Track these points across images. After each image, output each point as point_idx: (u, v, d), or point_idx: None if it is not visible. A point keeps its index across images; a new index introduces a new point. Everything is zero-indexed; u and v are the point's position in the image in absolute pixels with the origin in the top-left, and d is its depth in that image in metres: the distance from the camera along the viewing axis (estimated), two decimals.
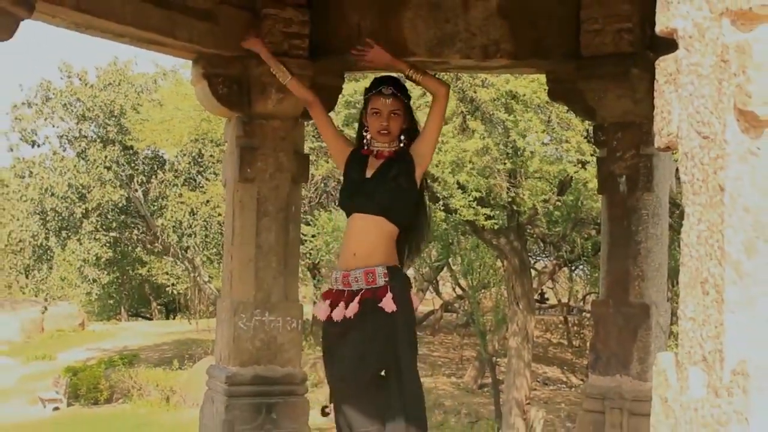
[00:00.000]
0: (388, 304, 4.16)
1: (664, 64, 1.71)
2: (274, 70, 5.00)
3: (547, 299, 33.98)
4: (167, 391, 24.36)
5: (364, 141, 4.56)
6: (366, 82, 4.99)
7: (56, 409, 24.67)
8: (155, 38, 5.08)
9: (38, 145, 27.48)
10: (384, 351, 4.19)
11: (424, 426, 4.25)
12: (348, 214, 4.48)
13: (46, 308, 32.57)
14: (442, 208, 15.57)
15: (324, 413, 4.43)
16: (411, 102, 4.65)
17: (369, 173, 4.44)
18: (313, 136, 15.25)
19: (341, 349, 4.28)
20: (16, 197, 27.79)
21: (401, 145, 4.46)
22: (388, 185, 4.35)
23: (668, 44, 1.72)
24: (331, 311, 4.32)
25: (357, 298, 4.23)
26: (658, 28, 1.72)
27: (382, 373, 4.24)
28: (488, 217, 15.73)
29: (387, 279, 4.22)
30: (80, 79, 27.41)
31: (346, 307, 4.25)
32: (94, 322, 38.64)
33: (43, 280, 27.89)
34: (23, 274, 28.33)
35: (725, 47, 1.55)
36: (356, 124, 4.84)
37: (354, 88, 13.30)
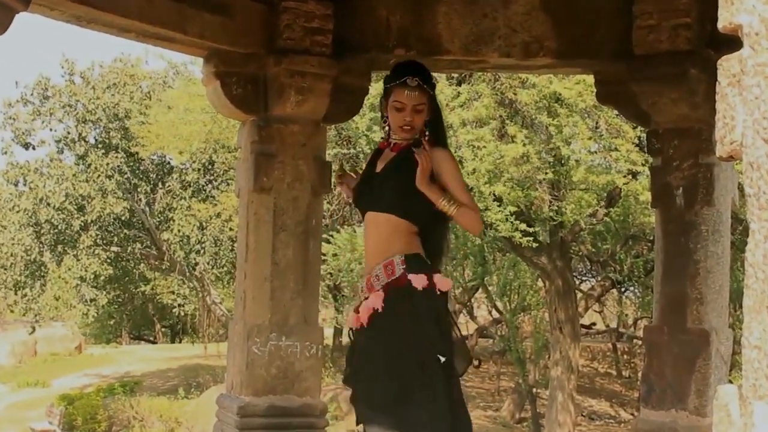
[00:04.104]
0: (415, 280, 4.19)
1: (726, 65, 1.70)
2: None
3: (594, 324, 33.81)
4: (172, 423, 24.40)
5: (383, 134, 4.60)
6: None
7: None
8: (163, 33, 5.12)
9: (33, 147, 27.60)
10: (413, 343, 4.19)
11: None
12: (362, 214, 4.53)
13: (34, 329, 32.62)
14: None
15: None
16: (436, 91, 4.64)
17: (380, 167, 4.49)
18: (335, 142, 15.30)
19: (365, 353, 4.31)
20: (8, 207, 27.88)
21: (426, 134, 4.44)
22: (395, 180, 4.38)
23: (731, 42, 1.71)
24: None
25: (379, 292, 4.26)
26: (721, 24, 1.72)
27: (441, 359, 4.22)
28: (526, 234, 15.68)
29: (404, 266, 4.24)
30: (82, 78, 27.57)
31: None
32: (92, 346, 38.79)
33: (35, 299, 27.92)
34: (12, 291, 28.39)
35: None
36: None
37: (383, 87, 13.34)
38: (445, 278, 4.35)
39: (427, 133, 4.43)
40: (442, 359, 4.15)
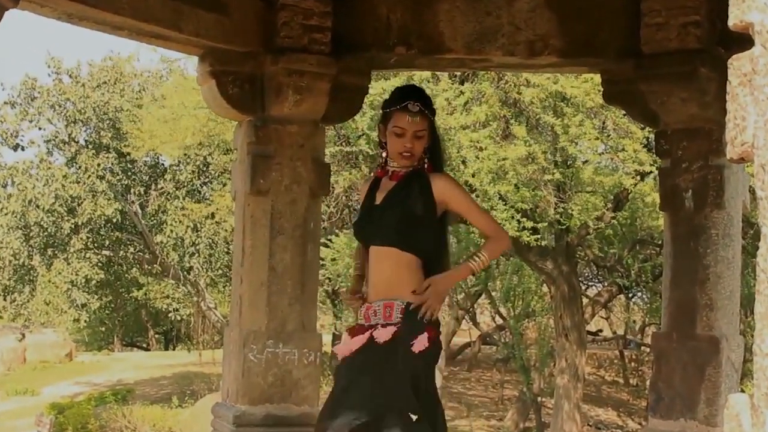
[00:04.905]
0: (382, 334, 4.18)
1: (737, 64, 1.71)
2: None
3: (601, 331, 33.80)
4: None
5: (380, 160, 4.55)
6: (397, 81, 4.96)
7: None
8: (157, 31, 5.13)
9: (22, 149, 27.57)
10: (379, 393, 4.13)
11: None
12: (365, 248, 4.49)
13: (23, 335, 32.59)
14: None
15: None
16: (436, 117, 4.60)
17: (379, 198, 4.42)
18: (333, 143, 15.29)
19: (347, 391, 4.27)
20: None
21: (424, 163, 4.39)
22: (395, 211, 4.32)
23: (743, 40, 1.72)
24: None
25: (368, 332, 4.25)
26: (732, 22, 1.72)
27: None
28: (534, 231, 15.66)
29: (401, 316, 4.22)
30: (71, 77, 27.54)
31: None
32: (83, 353, 38.74)
33: (24, 304, 27.87)
34: (1, 296, 28.35)
35: None
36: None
37: (382, 86, 13.33)
38: (438, 339, 4.25)
39: (426, 160, 4.39)
40: (414, 417, 4.06)
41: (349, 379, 4.25)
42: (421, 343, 4.16)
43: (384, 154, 4.47)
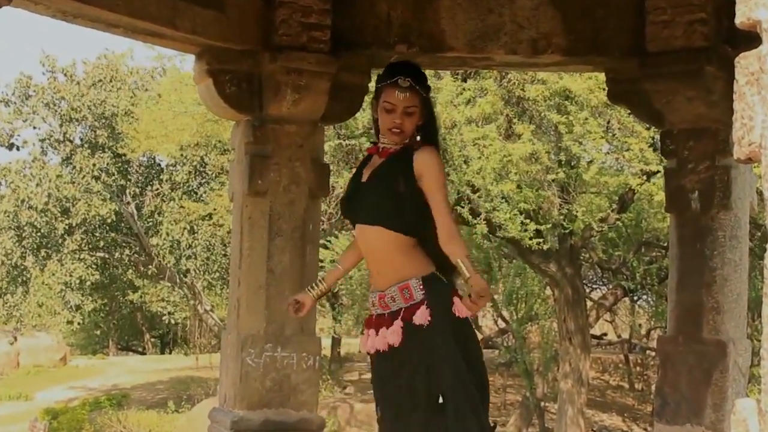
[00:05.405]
0: (419, 316, 4.17)
1: (745, 62, 1.71)
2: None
3: (605, 335, 33.79)
4: None
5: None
6: None
7: None
8: (153, 29, 5.13)
9: (17, 148, 27.56)
10: (426, 378, 4.17)
11: None
12: (352, 226, 4.48)
13: (15, 339, 32.54)
14: (483, 222, 15.46)
15: None
16: (431, 94, 4.57)
17: (366, 175, 4.41)
18: (336, 136, 15.27)
19: (391, 383, 4.28)
20: None
21: (416, 139, 4.34)
22: (380, 188, 4.31)
23: (750, 38, 1.72)
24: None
25: (398, 322, 4.23)
26: (739, 20, 1.72)
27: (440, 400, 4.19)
28: (538, 233, 15.64)
29: (424, 291, 4.22)
30: (65, 75, 27.54)
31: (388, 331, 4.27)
32: (77, 357, 38.74)
33: (17, 306, 27.85)
34: None
35: None
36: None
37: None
38: (465, 302, 4.19)
39: (418, 138, 4.34)
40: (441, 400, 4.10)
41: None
42: (461, 309, 4.19)
43: (376, 131, 4.46)
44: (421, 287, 4.21)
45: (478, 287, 4.03)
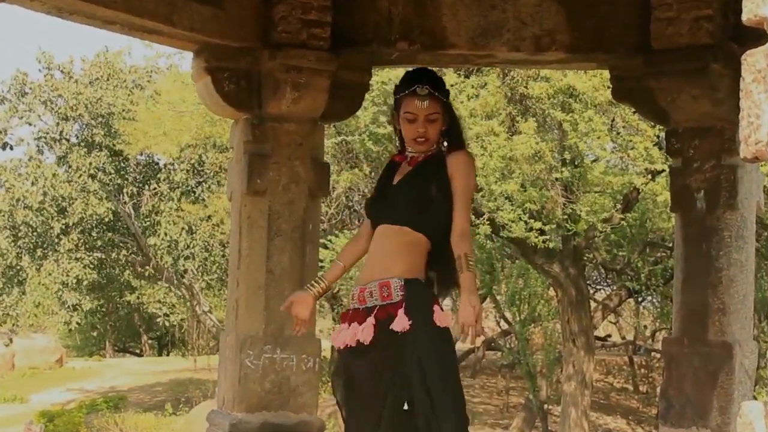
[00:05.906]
0: (398, 323, 4.15)
1: (751, 59, 1.70)
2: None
3: (609, 336, 33.80)
4: None
5: (398, 147, 4.57)
6: (398, 73, 4.95)
7: None
8: (150, 25, 5.13)
9: (11, 148, 27.53)
10: (396, 382, 4.15)
11: None
12: (373, 226, 4.50)
13: (11, 340, 32.52)
14: (487, 222, 15.44)
15: None
16: (451, 97, 4.60)
17: (396, 180, 4.44)
18: (336, 133, 15.27)
19: (357, 381, 4.27)
20: None
21: (443, 146, 4.41)
22: (411, 191, 4.34)
23: (757, 35, 1.72)
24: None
25: (371, 319, 4.22)
26: (745, 17, 1.72)
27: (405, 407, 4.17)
28: (542, 232, 15.62)
29: (403, 293, 4.22)
30: (62, 72, 27.52)
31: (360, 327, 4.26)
32: (74, 358, 38.76)
33: (13, 306, 27.84)
34: None
35: None
36: (386, 122, 4.76)
37: (388, 76, 13.22)
38: (446, 313, 4.25)
39: (445, 144, 4.41)
40: (405, 407, 4.07)
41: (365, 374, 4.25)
42: (441, 318, 4.18)
43: (400, 142, 4.50)
44: (401, 288, 4.21)
45: (464, 317, 4.06)
